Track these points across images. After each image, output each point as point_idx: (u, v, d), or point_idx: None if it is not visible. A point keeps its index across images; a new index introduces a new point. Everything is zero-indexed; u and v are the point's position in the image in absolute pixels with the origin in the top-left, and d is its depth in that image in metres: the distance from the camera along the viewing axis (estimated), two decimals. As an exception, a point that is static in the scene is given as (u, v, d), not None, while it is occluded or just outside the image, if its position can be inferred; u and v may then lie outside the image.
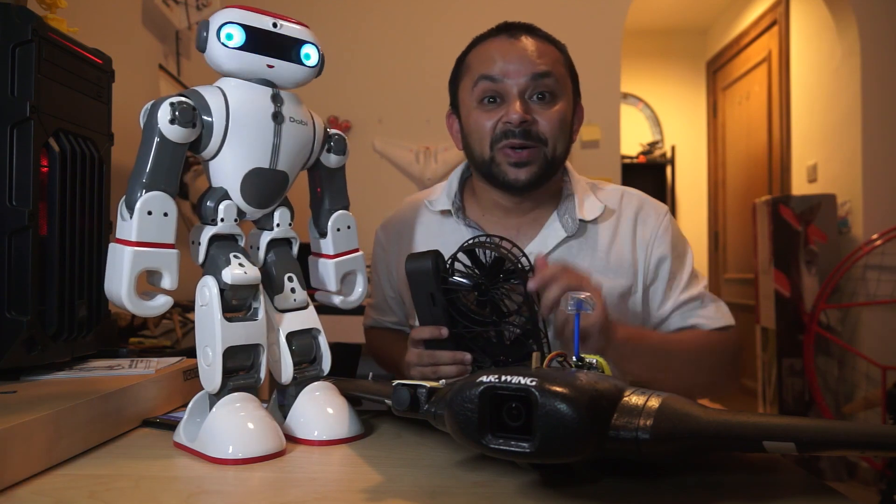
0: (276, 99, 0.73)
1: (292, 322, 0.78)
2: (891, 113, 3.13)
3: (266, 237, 0.79)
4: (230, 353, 0.71)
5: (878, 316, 2.95)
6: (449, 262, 0.89)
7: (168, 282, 0.69)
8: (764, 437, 0.52)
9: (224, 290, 0.71)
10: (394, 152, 3.28)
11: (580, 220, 1.07)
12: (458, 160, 3.18)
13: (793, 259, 3.13)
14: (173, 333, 1.65)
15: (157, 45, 2.36)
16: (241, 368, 0.73)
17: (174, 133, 0.67)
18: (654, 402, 0.55)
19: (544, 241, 1.08)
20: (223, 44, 0.70)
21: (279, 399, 0.80)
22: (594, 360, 0.67)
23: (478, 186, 1.13)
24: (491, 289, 0.86)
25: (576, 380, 0.55)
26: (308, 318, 0.80)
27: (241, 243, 0.75)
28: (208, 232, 0.73)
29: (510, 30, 1.08)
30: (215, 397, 0.71)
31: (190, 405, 0.74)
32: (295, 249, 0.81)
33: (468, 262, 0.88)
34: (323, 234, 0.84)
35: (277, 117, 0.73)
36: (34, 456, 0.63)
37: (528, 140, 1.02)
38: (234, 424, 0.69)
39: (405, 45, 3.34)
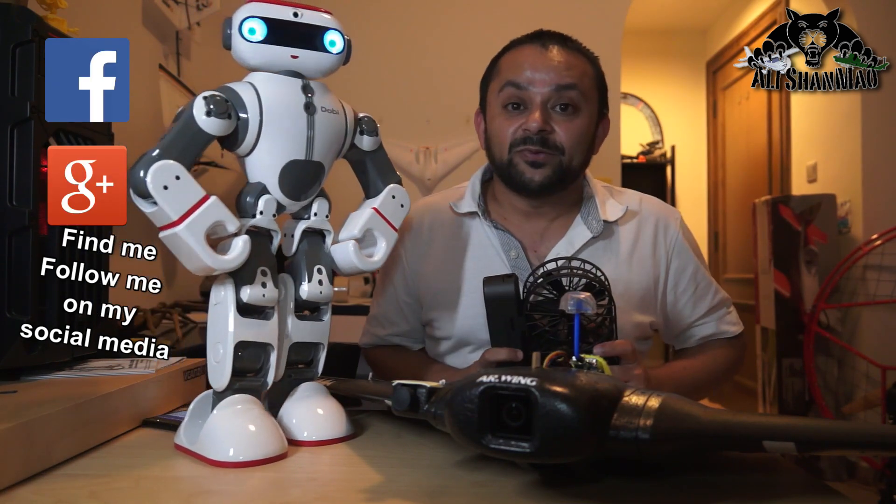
0: (306, 89, 0.74)
1: (303, 332, 0.78)
2: (891, 113, 3.12)
3: (301, 226, 0.79)
4: (241, 352, 0.70)
5: (878, 316, 2.95)
6: (528, 287, 0.87)
7: (232, 225, 0.69)
8: (764, 437, 0.52)
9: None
10: (394, 152, 3.27)
11: (604, 221, 1.09)
12: (458, 160, 3.17)
13: (793, 259, 3.12)
14: (173, 333, 1.65)
15: (157, 45, 2.36)
16: (249, 371, 0.73)
17: (212, 126, 0.68)
18: (654, 402, 0.55)
19: (570, 242, 1.09)
20: (246, 39, 0.70)
21: (271, 399, 0.80)
22: (594, 360, 0.67)
23: (498, 190, 1.15)
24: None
25: (576, 380, 0.55)
26: (319, 332, 0.80)
27: (276, 241, 0.76)
28: (245, 224, 0.72)
29: (543, 38, 1.10)
30: (218, 397, 0.71)
31: (191, 407, 0.74)
32: (328, 242, 0.81)
33: (547, 286, 0.87)
34: (377, 192, 0.84)
35: (309, 108, 0.73)
36: (34, 456, 0.63)
37: (546, 148, 1.04)
38: (235, 427, 0.68)
39: (405, 45, 3.33)
